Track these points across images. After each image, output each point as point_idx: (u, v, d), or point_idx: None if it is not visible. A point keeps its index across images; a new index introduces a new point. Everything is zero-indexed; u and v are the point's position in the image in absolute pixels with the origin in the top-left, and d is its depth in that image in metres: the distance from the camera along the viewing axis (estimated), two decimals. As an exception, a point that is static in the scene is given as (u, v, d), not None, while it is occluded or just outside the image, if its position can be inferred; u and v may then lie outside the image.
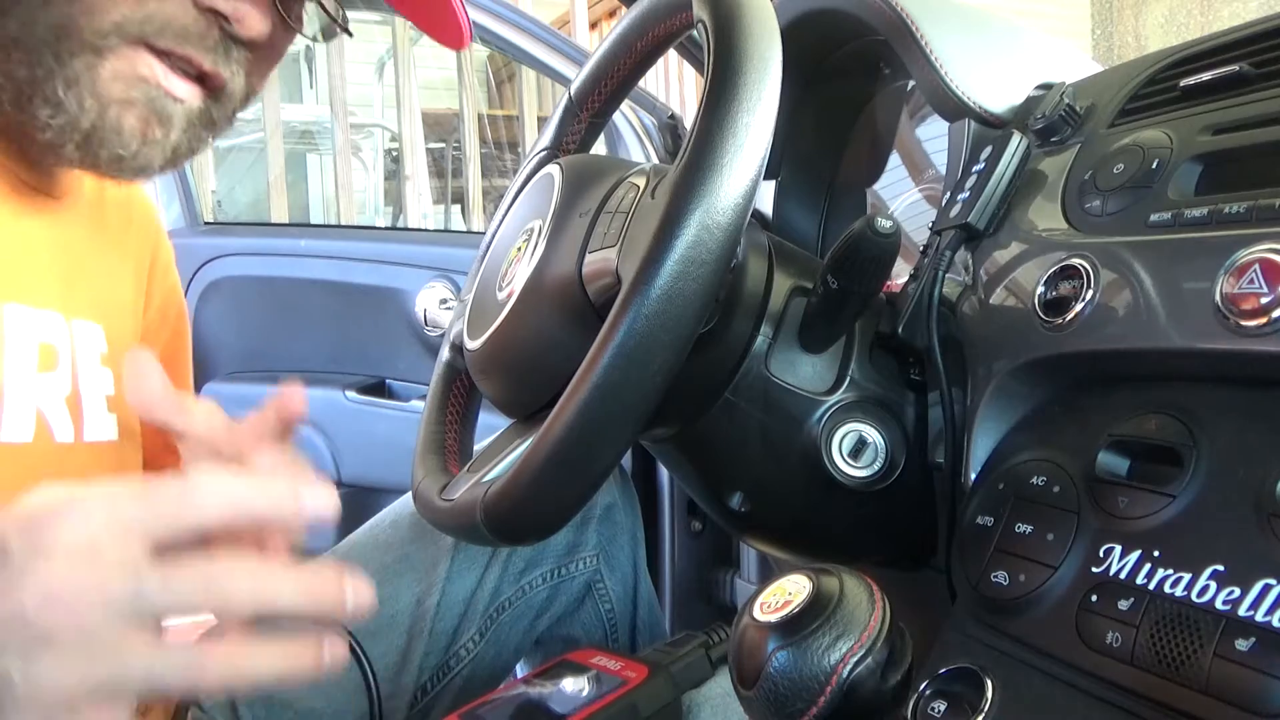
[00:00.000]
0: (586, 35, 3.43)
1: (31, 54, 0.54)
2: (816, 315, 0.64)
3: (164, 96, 0.58)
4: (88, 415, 0.62)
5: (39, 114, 0.55)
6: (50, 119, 0.55)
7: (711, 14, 0.56)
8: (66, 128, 0.56)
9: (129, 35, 0.55)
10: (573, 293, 0.63)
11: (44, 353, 0.60)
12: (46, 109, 0.55)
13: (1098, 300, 0.53)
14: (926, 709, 0.50)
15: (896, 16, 0.73)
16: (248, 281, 1.58)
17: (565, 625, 0.93)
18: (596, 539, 0.91)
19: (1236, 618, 0.41)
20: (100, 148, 0.57)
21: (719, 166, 0.51)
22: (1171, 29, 4.99)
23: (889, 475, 0.64)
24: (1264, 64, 0.55)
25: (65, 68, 0.55)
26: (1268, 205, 0.47)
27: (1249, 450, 0.45)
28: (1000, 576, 0.52)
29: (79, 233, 0.66)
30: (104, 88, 0.56)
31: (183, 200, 1.64)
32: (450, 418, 0.79)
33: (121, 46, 0.55)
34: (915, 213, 0.89)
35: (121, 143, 0.57)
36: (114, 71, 0.56)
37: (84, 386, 0.62)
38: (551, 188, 0.70)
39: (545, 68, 1.42)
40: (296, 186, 3.75)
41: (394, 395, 1.52)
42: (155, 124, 0.58)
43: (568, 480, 0.55)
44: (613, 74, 0.75)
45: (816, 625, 0.43)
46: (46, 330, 0.60)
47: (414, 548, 0.85)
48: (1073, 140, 0.63)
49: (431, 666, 0.84)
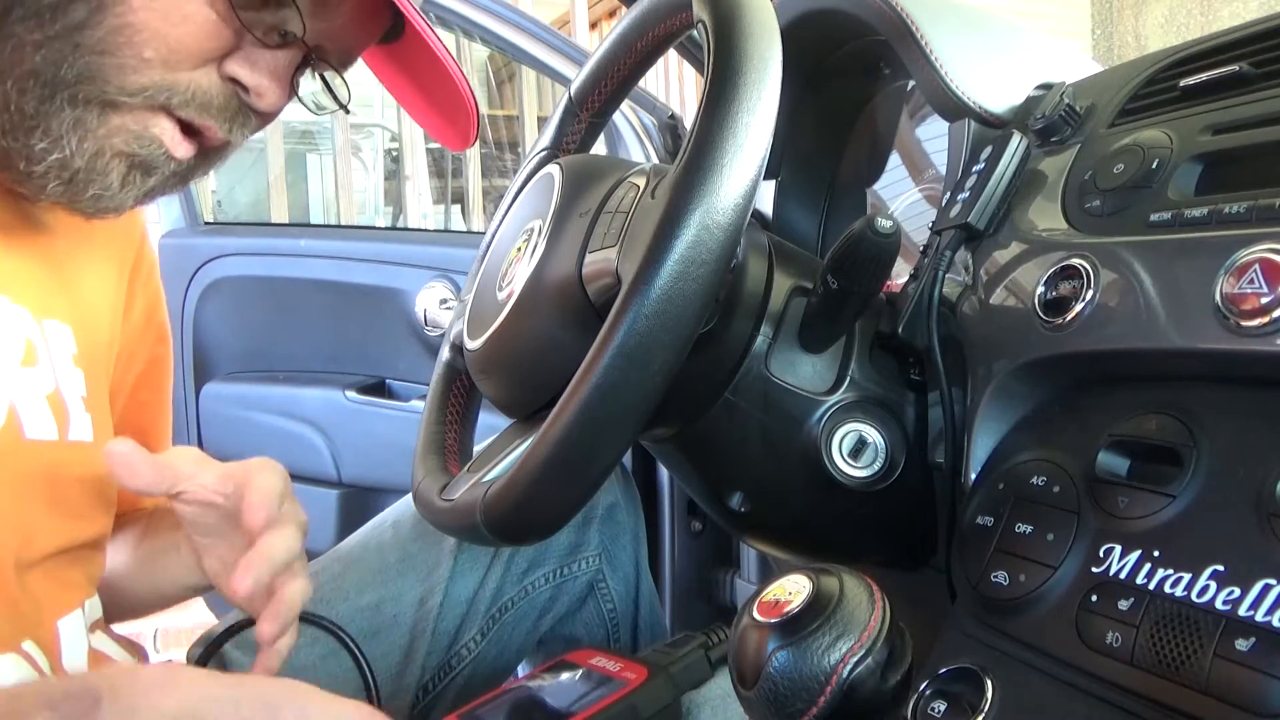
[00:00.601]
0: (586, 35, 3.43)
1: (46, 90, 0.54)
2: (816, 315, 0.64)
3: (163, 155, 0.58)
4: (73, 415, 0.63)
5: (34, 146, 0.55)
6: (45, 154, 0.55)
7: (711, 14, 0.56)
8: (56, 166, 0.55)
9: (153, 101, 0.55)
10: (573, 293, 0.63)
11: (27, 347, 0.60)
12: (43, 143, 0.55)
13: (1098, 300, 0.53)
14: (926, 709, 0.50)
15: (896, 16, 0.73)
16: (248, 281, 1.58)
17: (567, 625, 0.93)
18: (599, 539, 0.91)
19: (1236, 618, 0.41)
20: (85, 189, 0.57)
21: (719, 166, 0.51)
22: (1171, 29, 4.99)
23: (889, 475, 0.64)
24: (1264, 64, 0.55)
25: (76, 110, 0.54)
26: (1268, 205, 0.47)
27: (1249, 450, 0.45)
28: (1000, 576, 0.52)
29: (60, 234, 0.66)
30: (108, 136, 0.56)
31: (183, 200, 1.64)
32: (450, 418, 0.79)
33: (141, 108, 0.56)
34: (915, 213, 0.89)
35: (104, 184, 0.57)
36: (122, 126, 0.56)
37: (64, 386, 0.62)
38: (551, 188, 0.70)
39: (545, 68, 1.42)
40: (296, 186, 3.75)
41: (394, 395, 1.52)
42: (140, 172, 0.58)
43: (568, 480, 0.55)
44: (613, 74, 0.75)
45: (816, 625, 0.43)
46: (24, 326, 0.60)
47: (416, 548, 0.85)
48: (1073, 140, 0.63)
49: (433, 666, 0.84)
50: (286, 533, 0.62)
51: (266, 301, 1.58)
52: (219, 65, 0.57)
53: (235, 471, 0.64)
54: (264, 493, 0.62)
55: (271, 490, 0.62)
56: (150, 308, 0.78)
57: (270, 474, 0.64)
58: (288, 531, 0.62)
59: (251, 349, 1.59)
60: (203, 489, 0.63)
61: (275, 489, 0.63)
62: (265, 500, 0.62)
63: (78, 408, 0.64)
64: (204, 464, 0.65)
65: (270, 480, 0.63)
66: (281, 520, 0.63)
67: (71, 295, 0.66)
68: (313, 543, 0.67)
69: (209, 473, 0.64)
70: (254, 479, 0.63)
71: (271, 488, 0.63)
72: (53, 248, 0.65)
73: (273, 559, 0.60)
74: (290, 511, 0.64)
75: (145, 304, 0.77)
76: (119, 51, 0.54)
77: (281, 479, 0.65)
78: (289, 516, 0.64)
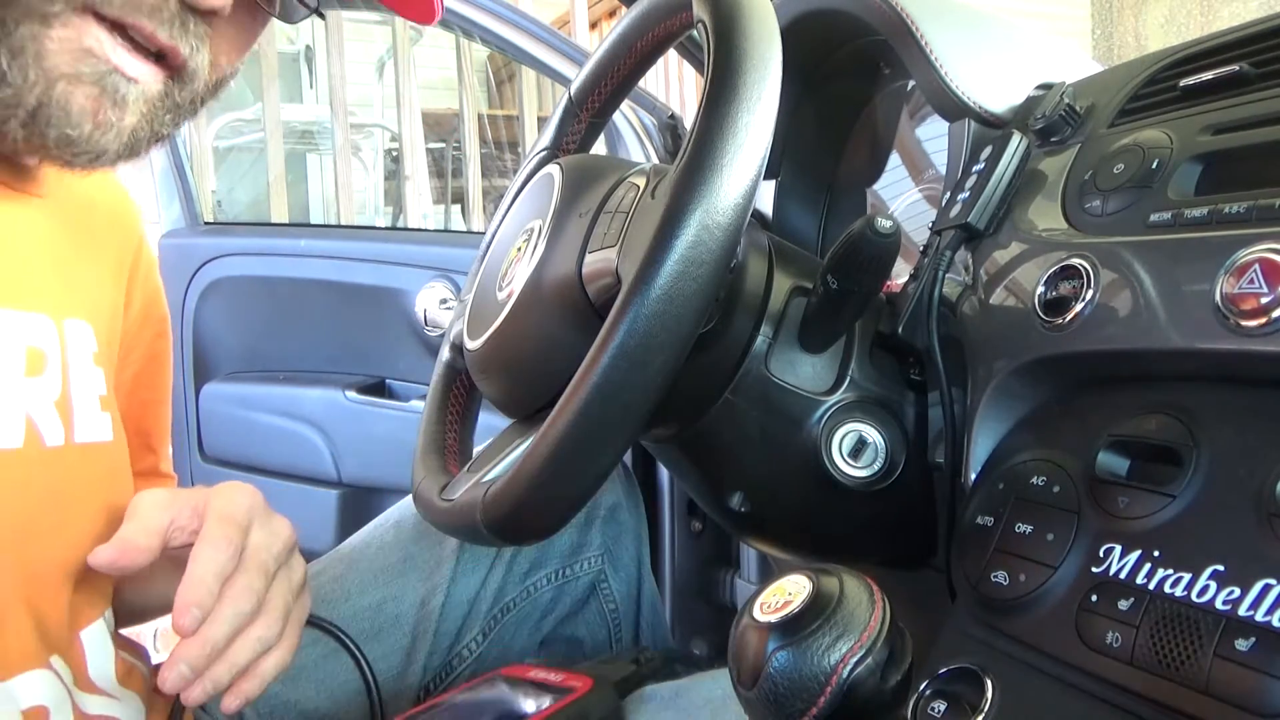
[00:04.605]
0: (586, 35, 3.43)
1: None
2: (816, 315, 0.64)
3: (115, 74, 0.54)
4: (79, 416, 0.61)
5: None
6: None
7: (711, 14, 0.56)
8: (10, 102, 0.52)
9: (74, 1, 0.52)
10: (573, 293, 0.63)
11: (31, 357, 0.58)
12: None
13: (1098, 300, 0.53)
14: (926, 709, 0.50)
15: (896, 16, 0.73)
16: (248, 281, 1.58)
17: (569, 626, 0.93)
18: (601, 539, 0.91)
19: (1236, 618, 0.41)
20: (48, 126, 0.53)
21: (719, 166, 0.51)
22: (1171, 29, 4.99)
23: (889, 475, 0.64)
24: (1264, 64, 0.55)
25: (10, 36, 0.51)
26: (1268, 205, 0.47)
27: (1249, 450, 0.45)
28: (1000, 576, 0.52)
29: (64, 231, 0.65)
30: (50, 60, 0.52)
31: (183, 200, 1.64)
32: (450, 418, 0.79)
33: (67, 13, 0.52)
34: (915, 213, 0.89)
35: (70, 122, 0.54)
36: (60, 42, 0.52)
37: (75, 387, 0.61)
38: (551, 188, 0.70)
39: (545, 68, 1.42)
40: (296, 186, 3.74)
41: (394, 395, 1.52)
42: (108, 105, 0.54)
43: (568, 480, 0.55)
44: (613, 74, 0.75)
45: (816, 625, 0.43)
46: (34, 333, 0.59)
47: (417, 548, 0.85)
48: (1073, 140, 0.63)
49: (435, 667, 0.84)
50: (236, 600, 0.56)
51: (266, 301, 1.58)
52: None
53: (201, 510, 0.59)
54: (198, 576, 0.55)
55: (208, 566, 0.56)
56: (148, 303, 0.78)
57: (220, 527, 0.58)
58: (237, 595, 0.56)
59: (251, 349, 1.59)
60: (183, 532, 0.59)
61: (217, 561, 0.56)
62: (200, 583, 0.55)
63: (93, 407, 0.63)
64: (174, 504, 0.59)
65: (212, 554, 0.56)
66: (239, 573, 0.57)
67: (87, 293, 0.66)
68: (313, 543, 0.67)
69: (182, 513, 0.59)
70: (195, 555, 0.56)
71: (210, 562, 0.56)
72: (63, 246, 0.65)
73: (210, 641, 0.54)
74: (254, 553, 0.58)
75: (143, 300, 0.76)
76: None
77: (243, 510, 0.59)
78: (249, 563, 0.58)
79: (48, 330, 0.60)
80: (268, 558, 0.59)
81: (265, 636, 0.57)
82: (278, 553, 0.60)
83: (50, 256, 0.63)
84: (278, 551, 0.60)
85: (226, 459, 1.58)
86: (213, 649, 0.54)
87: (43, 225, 0.63)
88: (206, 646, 0.54)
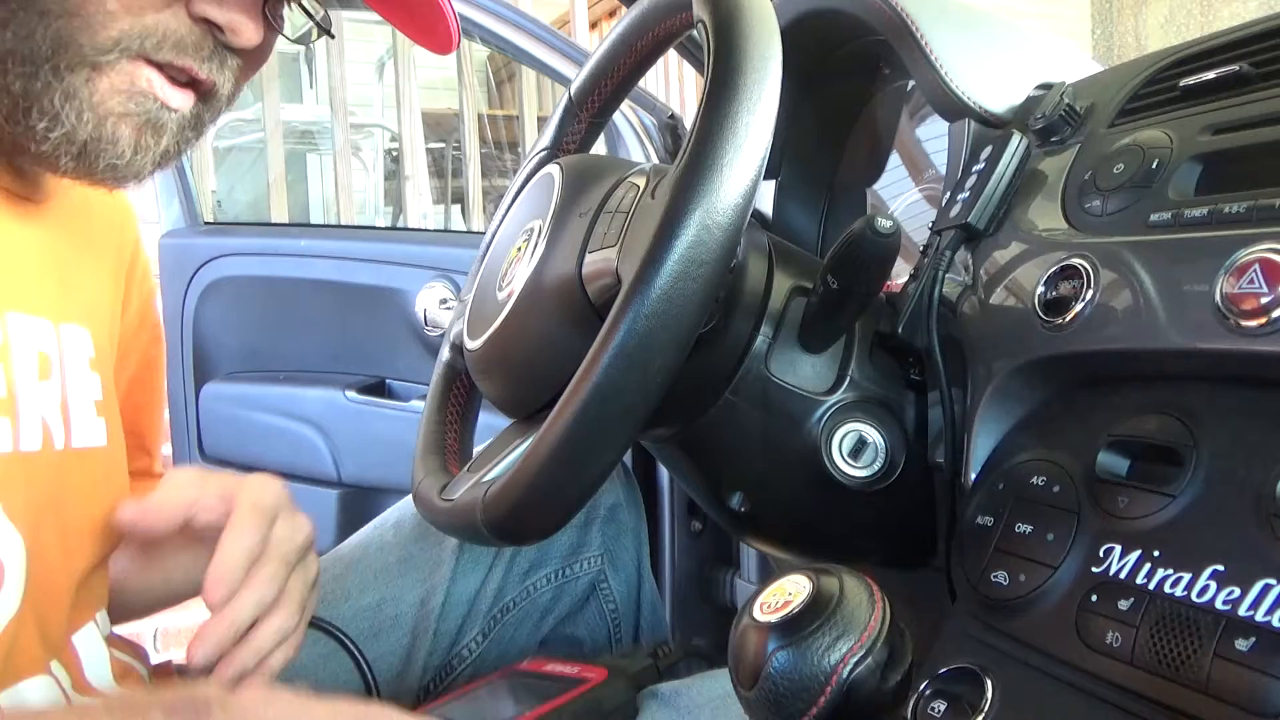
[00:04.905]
0: (586, 35, 3.43)
1: (28, 67, 0.54)
2: (816, 315, 0.64)
3: (161, 108, 0.58)
4: (75, 421, 0.62)
5: (35, 127, 0.55)
6: (47, 132, 0.55)
7: (711, 14, 0.56)
8: (63, 141, 0.56)
9: (129, 51, 0.55)
10: (573, 293, 0.63)
11: (41, 361, 0.59)
12: (44, 122, 0.55)
13: (1098, 300, 0.53)
14: (926, 709, 0.50)
15: (896, 16, 0.73)
16: (248, 281, 1.58)
17: (569, 626, 0.93)
18: (601, 539, 0.91)
19: (1236, 618, 0.41)
20: (97, 159, 0.57)
21: (719, 166, 0.51)
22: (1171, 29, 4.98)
23: (889, 475, 0.64)
24: (1264, 64, 0.55)
25: (63, 81, 0.55)
26: (1268, 205, 0.47)
27: (1249, 450, 0.45)
28: (1000, 576, 0.52)
29: (64, 236, 0.66)
30: (102, 101, 0.56)
31: (183, 200, 1.64)
32: (450, 418, 0.79)
33: (121, 61, 0.56)
34: (915, 213, 0.89)
35: (116, 153, 0.57)
36: (112, 86, 0.56)
37: (71, 392, 0.62)
38: (551, 188, 0.70)
39: (545, 68, 1.42)
40: (296, 186, 3.75)
41: (394, 395, 1.52)
42: (149, 133, 0.58)
43: (568, 480, 0.55)
44: (613, 74, 0.75)
45: (816, 625, 0.43)
46: (41, 338, 0.60)
47: (417, 548, 0.85)
48: (1073, 140, 0.63)
49: (435, 667, 0.84)
50: (261, 586, 0.59)
51: (266, 301, 1.57)
52: (187, 5, 0.56)
53: (229, 495, 0.62)
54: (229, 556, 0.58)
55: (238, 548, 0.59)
56: (144, 307, 0.78)
57: (251, 515, 0.61)
58: (262, 581, 0.59)
59: (251, 349, 1.59)
60: (209, 512, 0.62)
61: (246, 545, 0.59)
62: (231, 562, 0.58)
63: (89, 413, 0.63)
64: (204, 484, 0.63)
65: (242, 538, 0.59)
66: (264, 561, 0.60)
67: (85, 297, 0.66)
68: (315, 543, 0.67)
69: (210, 493, 0.63)
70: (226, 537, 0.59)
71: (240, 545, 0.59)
72: (63, 251, 0.65)
73: (236, 621, 0.57)
74: (277, 545, 0.61)
75: (140, 303, 0.77)
76: (83, 9, 0.54)
77: (271, 502, 0.62)
78: (273, 553, 0.61)
79: (49, 334, 0.60)
80: (290, 550, 0.62)
81: (284, 628, 0.61)
82: (299, 547, 0.63)
83: (51, 261, 0.64)
84: (299, 545, 0.63)
85: (227, 459, 1.58)
86: (237, 629, 0.58)
87: (43, 231, 0.64)
88: (232, 626, 0.58)
